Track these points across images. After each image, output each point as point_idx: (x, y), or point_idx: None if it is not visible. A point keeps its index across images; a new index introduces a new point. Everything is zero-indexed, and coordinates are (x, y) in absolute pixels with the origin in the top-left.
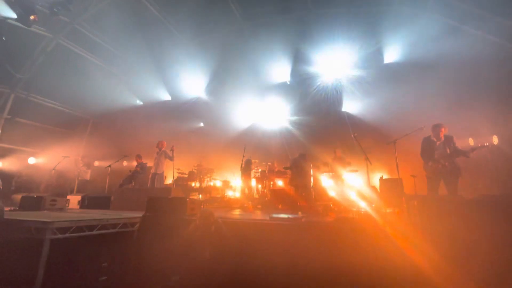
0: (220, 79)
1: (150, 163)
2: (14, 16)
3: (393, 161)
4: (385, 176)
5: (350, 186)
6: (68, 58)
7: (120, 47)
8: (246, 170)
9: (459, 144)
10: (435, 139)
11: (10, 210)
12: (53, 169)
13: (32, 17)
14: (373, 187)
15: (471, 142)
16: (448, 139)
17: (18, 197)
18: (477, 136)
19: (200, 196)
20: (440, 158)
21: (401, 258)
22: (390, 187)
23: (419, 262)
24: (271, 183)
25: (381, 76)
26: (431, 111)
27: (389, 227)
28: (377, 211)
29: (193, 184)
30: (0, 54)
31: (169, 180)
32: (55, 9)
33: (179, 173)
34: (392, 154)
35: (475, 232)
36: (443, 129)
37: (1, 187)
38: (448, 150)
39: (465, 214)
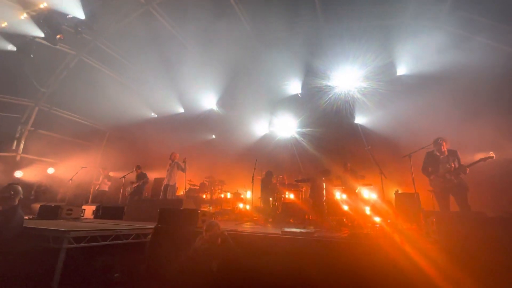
0: (232, 92)
1: (163, 175)
2: (42, 35)
3: (408, 175)
4: (401, 191)
5: (364, 201)
6: (88, 74)
7: (137, 62)
8: (266, 182)
9: (478, 157)
10: (438, 154)
11: (29, 219)
12: (71, 179)
13: (58, 36)
14: (388, 202)
15: (491, 155)
16: (452, 154)
17: (37, 206)
18: (497, 149)
19: (211, 208)
20: (445, 172)
21: (420, 277)
22: (406, 202)
23: (439, 282)
24: (283, 196)
25: (394, 88)
26: (446, 124)
27: (407, 244)
28: (393, 227)
29: (204, 196)
30: (28, 70)
31: (180, 192)
32: (79, 29)
33: (190, 184)
34: (407, 168)
35: (500, 252)
36: (444, 143)
37: (21, 196)
38: (453, 164)
39: (489, 232)
